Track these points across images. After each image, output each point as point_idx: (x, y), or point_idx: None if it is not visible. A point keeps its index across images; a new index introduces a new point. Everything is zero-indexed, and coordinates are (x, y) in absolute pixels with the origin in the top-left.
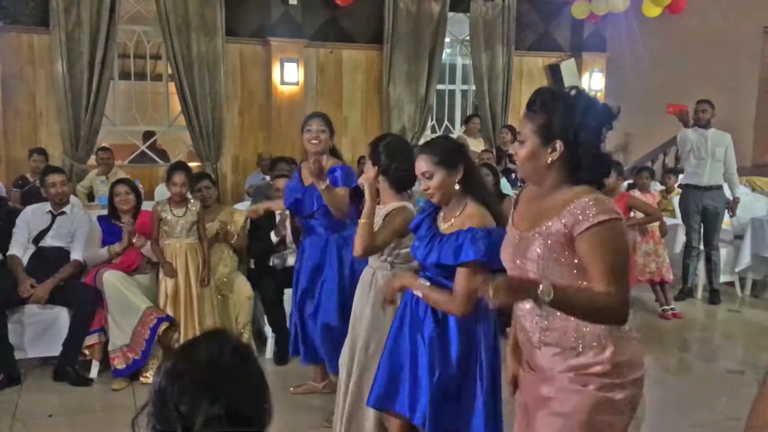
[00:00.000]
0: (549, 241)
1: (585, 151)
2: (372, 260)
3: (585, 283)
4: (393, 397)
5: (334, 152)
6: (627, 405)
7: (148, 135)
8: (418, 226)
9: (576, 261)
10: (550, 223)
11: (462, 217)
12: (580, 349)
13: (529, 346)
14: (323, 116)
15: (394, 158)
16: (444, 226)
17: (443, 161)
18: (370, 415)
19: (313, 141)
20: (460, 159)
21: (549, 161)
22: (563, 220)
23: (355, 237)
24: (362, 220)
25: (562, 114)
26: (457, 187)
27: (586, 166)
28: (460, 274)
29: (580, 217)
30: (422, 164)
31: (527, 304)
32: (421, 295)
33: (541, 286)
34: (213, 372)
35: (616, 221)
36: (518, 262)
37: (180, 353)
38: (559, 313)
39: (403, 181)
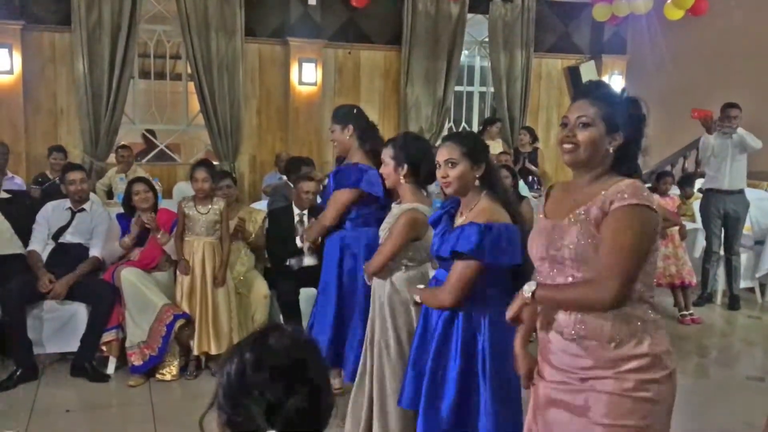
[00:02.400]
0: (587, 226)
1: (635, 147)
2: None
3: None
4: (419, 397)
5: (362, 141)
6: (667, 398)
7: (150, 133)
8: (437, 222)
9: None
10: (587, 208)
11: (474, 211)
12: (618, 341)
13: (557, 342)
14: (333, 113)
15: (411, 149)
16: (458, 221)
17: (469, 153)
18: (393, 416)
19: (334, 144)
20: (485, 156)
21: (610, 150)
22: (600, 203)
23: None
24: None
25: (629, 108)
26: (477, 183)
27: (630, 161)
28: (454, 264)
29: (616, 197)
30: (448, 152)
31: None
32: (419, 300)
33: (524, 287)
34: (296, 362)
35: (645, 208)
36: (551, 251)
37: (256, 345)
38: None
39: (429, 178)
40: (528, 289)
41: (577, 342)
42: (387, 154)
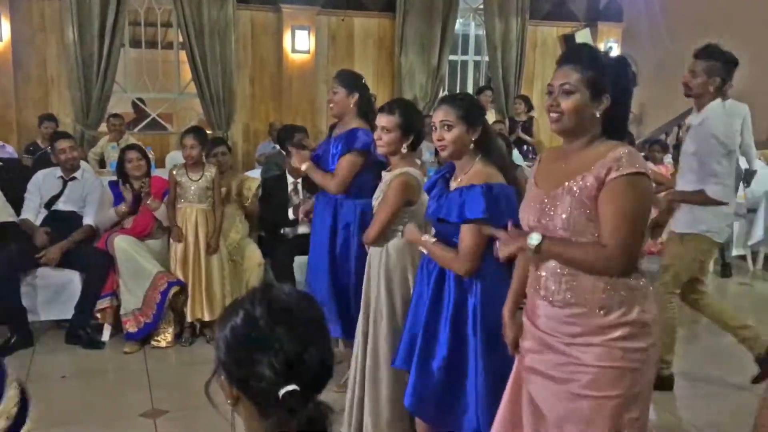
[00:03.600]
0: (581, 196)
1: (624, 109)
2: None
3: None
4: (412, 357)
5: (362, 111)
6: (652, 366)
7: (141, 102)
8: (432, 187)
9: None
10: (582, 177)
11: (469, 174)
12: (608, 309)
13: (545, 308)
14: (338, 74)
15: (417, 118)
16: (453, 185)
17: (465, 116)
18: (384, 382)
19: (330, 105)
20: (481, 120)
21: (597, 114)
22: (596, 172)
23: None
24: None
25: (613, 69)
26: (471, 146)
27: (621, 123)
28: (464, 231)
29: (612, 166)
30: (444, 114)
31: (551, 263)
32: (426, 252)
33: (530, 235)
34: (305, 316)
35: (642, 176)
36: (543, 221)
37: (263, 301)
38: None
39: (419, 140)
40: (535, 238)
41: (565, 309)
42: (389, 121)
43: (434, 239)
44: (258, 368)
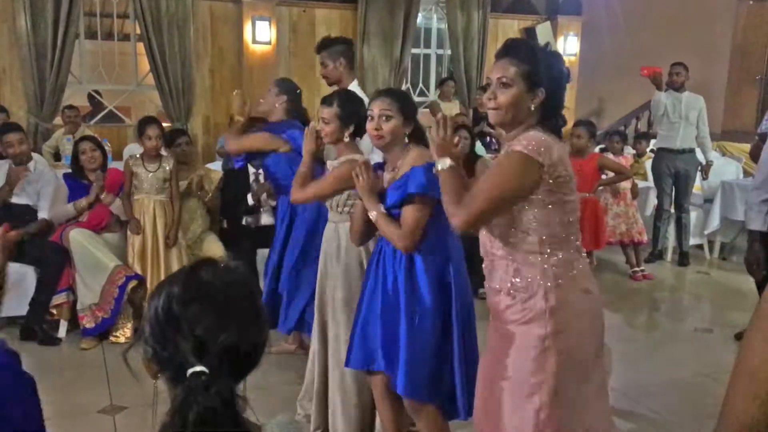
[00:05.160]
0: None
1: (558, 101)
2: (333, 215)
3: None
4: (371, 356)
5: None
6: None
7: (97, 94)
8: None
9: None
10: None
11: (409, 160)
12: (512, 294)
13: (494, 296)
14: (277, 80)
15: (356, 108)
16: (389, 177)
17: (403, 109)
18: (348, 372)
19: (261, 100)
20: (414, 115)
21: (532, 107)
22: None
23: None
24: (301, 169)
25: (548, 63)
26: (406, 140)
27: (558, 115)
28: (405, 209)
29: (512, 145)
30: (383, 104)
31: (499, 251)
32: (373, 218)
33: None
34: (228, 297)
35: (522, 155)
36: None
37: (187, 278)
38: (528, 258)
39: (362, 129)
40: (448, 163)
41: (512, 295)
42: (328, 113)
43: (383, 210)
44: (169, 346)
